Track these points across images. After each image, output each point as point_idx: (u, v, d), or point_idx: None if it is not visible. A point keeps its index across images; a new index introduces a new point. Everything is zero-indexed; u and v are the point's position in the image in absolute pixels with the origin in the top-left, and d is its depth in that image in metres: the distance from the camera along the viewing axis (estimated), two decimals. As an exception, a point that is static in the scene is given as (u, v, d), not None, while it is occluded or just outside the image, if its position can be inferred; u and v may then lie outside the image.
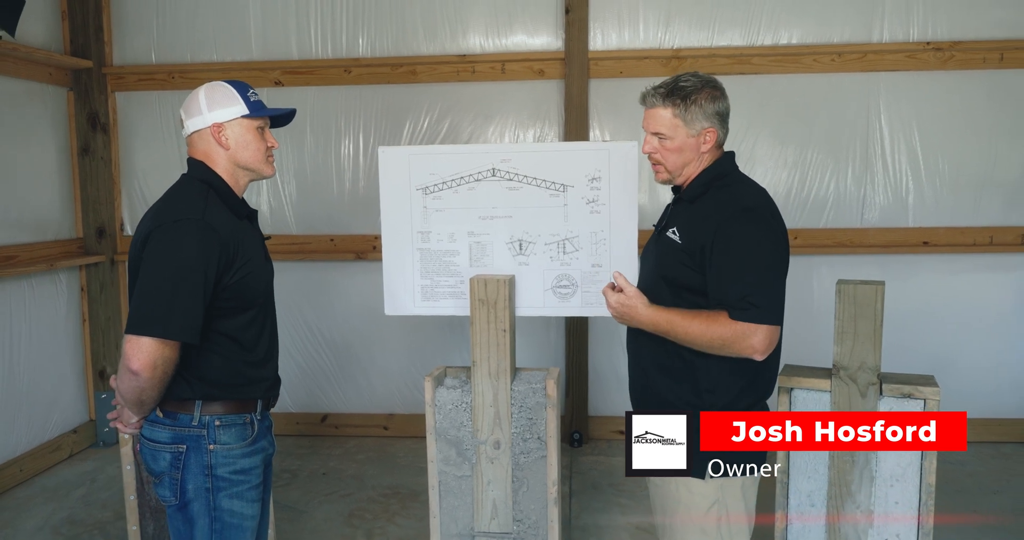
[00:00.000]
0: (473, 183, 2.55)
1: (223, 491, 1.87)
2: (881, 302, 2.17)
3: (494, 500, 2.47)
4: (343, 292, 4.47)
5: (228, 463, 1.87)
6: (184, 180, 1.92)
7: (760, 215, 1.86)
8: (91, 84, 4.35)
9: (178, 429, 1.85)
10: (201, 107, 1.87)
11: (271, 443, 2.06)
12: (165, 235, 1.77)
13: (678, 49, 4.19)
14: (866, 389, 2.19)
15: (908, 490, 2.18)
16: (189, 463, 1.84)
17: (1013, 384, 4.25)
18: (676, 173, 1.97)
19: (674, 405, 1.94)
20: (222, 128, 1.87)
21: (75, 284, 4.38)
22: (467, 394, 2.47)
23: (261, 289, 1.93)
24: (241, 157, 1.89)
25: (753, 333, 1.79)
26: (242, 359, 1.90)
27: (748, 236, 1.82)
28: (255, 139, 1.90)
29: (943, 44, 4.05)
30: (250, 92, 1.91)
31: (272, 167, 1.96)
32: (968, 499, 3.52)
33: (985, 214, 4.15)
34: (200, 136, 1.89)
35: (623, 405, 4.33)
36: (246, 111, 1.87)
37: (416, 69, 4.30)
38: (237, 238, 1.84)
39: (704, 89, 1.89)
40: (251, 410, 1.93)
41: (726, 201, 1.89)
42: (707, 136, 1.91)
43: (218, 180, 1.89)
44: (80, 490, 3.80)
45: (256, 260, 1.91)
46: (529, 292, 2.57)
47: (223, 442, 1.86)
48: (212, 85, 1.90)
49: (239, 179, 1.93)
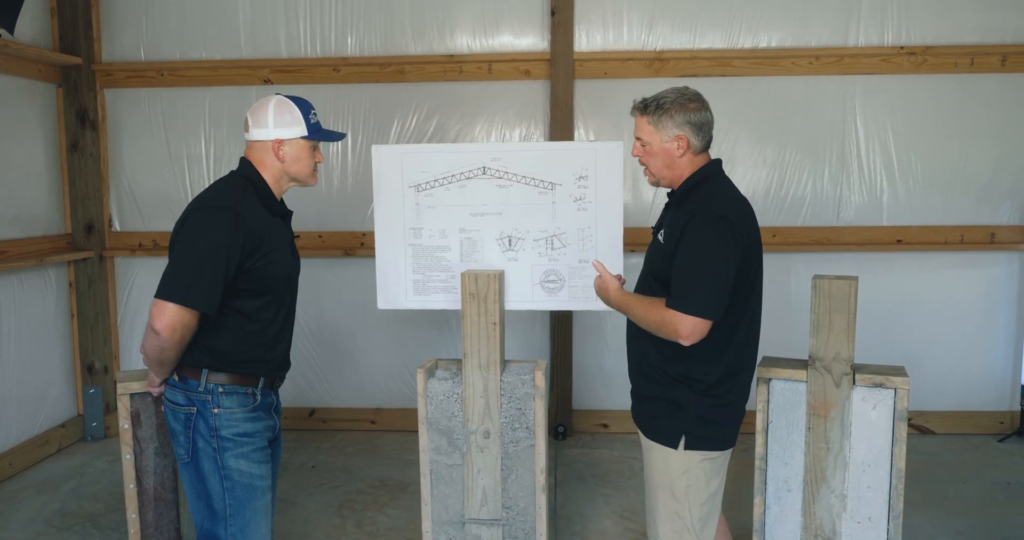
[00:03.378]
0: (464, 181, 2.64)
1: (228, 451, 2.07)
2: (855, 296, 2.28)
3: (484, 488, 2.56)
4: (331, 288, 4.52)
5: (231, 425, 2.07)
6: (230, 175, 2.15)
7: (719, 220, 2.02)
8: (80, 81, 4.36)
9: (189, 393, 2.07)
10: (268, 120, 2.08)
11: (276, 422, 2.23)
12: (201, 217, 2.00)
13: (661, 51, 4.28)
14: (840, 379, 2.30)
15: (879, 475, 2.30)
16: (198, 424, 2.06)
17: (982, 378, 4.38)
18: (660, 176, 2.17)
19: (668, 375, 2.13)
20: (282, 144, 2.09)
21: (63, 280, 4.40)
22: (458, 385, 2.55)
23: (281, 278, 2.12)
24: (292, 170, 2.12)
25: (680, 321, 1.97)
26: (252, 338, 2.09)
27: (702, 238, 2.00)
28: (307, 156, 2.13)
29: (917, 49, 4.18)
30: (312, 113, 2.14)
31: (316, 178, 2.21)
32: (939, 488, 3.65)
33: (956, 213, 4.28)
34: (261, 145, 2.10)
35: (607, 399, 4.51)
36: (306, 133, 2.10)
37: (404, 68, 4.35)
38: (265, 230, 2.04)
39: (677, 101, 2.09)
40: (252, 384, 2.11)
41: (697, 206, 2.07)
42: (679, 143, 2.09)
43: (260, 179, 2.11)
44: (70, 483, 3.83)
45: (280, 252, 2.10)
46: (518, 286, 2.66)
47: (226, 406, 2.06)
48: (282, 101, 2.10)
49: (283, 184, 2.15)
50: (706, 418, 2.11)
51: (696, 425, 2.11)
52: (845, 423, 2.31)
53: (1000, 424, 4.37)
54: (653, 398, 2.19)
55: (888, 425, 2.28)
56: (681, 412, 2.11)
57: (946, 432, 4.38)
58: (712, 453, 2.14)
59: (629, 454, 4.13)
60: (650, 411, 2.21)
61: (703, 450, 2.12)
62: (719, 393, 2.11)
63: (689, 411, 2.11)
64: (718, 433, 2.14)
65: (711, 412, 2.11)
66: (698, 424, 2.11)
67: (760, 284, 2.17)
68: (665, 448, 2.15)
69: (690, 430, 2.11)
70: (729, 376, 2.12)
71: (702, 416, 2.11)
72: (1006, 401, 4.39)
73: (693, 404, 2.10)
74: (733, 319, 2.08)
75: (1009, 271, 4.32)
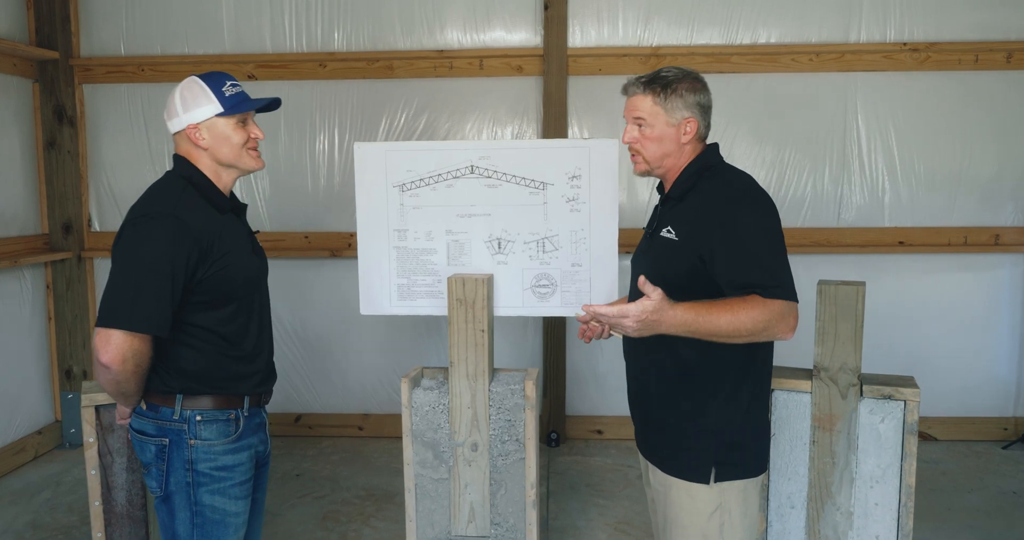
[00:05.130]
0: (451, 180, 2.51)
1: (204, 487, 1.85)
2: (862, 303, 2.16)
3: (472, 503, 2.43)
4: (318, 290, 4.40)
5: (209, 459, 1.85)
6: (165, 176, 1.91)
7: (757, 197, 1.80)
8: (57, 76, 4.23)
9: (161, 422, 1.85)
10: (177, 108, 1.85)
11: (263, 441, 2.03)
12: (133, 229, 1.77)
13: (657, 47, 4.17)
14: (846, 390, 2.18)
15: (888, 491, 2.18)
16: (172, 457, 1.84)
17: (985, 383, 4.28)
18: (655, 165, 1.89)
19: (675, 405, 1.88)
20: (197, 128, 1.85)
21: (40, 281, 4.26)
22: (444, 395, 2.43)
23: (241, 282, 1.90)
24: (220, 155, 1.87)
25: (789, 311, 1.70)
26: (225, 353, 1.88)
27: (753, 219, 1.75)
28: (233, 134, 1.86)
29: (919, 45, 4.07)
30: (227, 85, 1.86)
31: (257, 160, 1.92)
32: (943, 498, 3.54)
33: (960, 214, 4.17)
34: (180, 137, 1.88)
35: (601, 404, 4.38)
36: (220, 109, 1.84)
37: (393, 64, 4.23)
38: (214, 232, 1.82)
39: (685, 79, 1.85)
40: (236, 406, 1.90)
41: (719, 189, 1.82)
42: (687, 126, 1.84)
43: (198, 175, 1.87)
44: (45, 493, 3.69)
45: (237, 253, 1.88)
46: (508, 291, 2.53)
47: (204, 438, 1.84)
48: (187, 84, 1.86)
49: (222, 176, 1.91)
50: (737, 442, 1.84)
51: (727, 452, 1.83)
52: (852, 436, 2.19)
53: (1004, 430, 4.27)
54: (671, 425, 1.88)
55: (897, 439, 2.15)
56: (711, 438, 1.83)
57: (948, 438, 4.27)
58: (745, 481, 1.86)
59: (624, 462, 4.01)
60: (669, 442, 1.89)
61: (736, 479, 1.84)
62: (751, 410, 1.86)
63: (720, 436, 1.83)
64: (750, 458, 1.87)
65: (743, 434, 1.85)
66: (730, 451, 1.83)
67: None
68: (692, 484, 1.84)
69: (722, 459, 1.82)
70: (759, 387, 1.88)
71: (734, 441, 1.83)
72: (1010, 407, 4.29)
73: (725, 427, 1.82)
74: None
75: (1013, 273, 4.22)
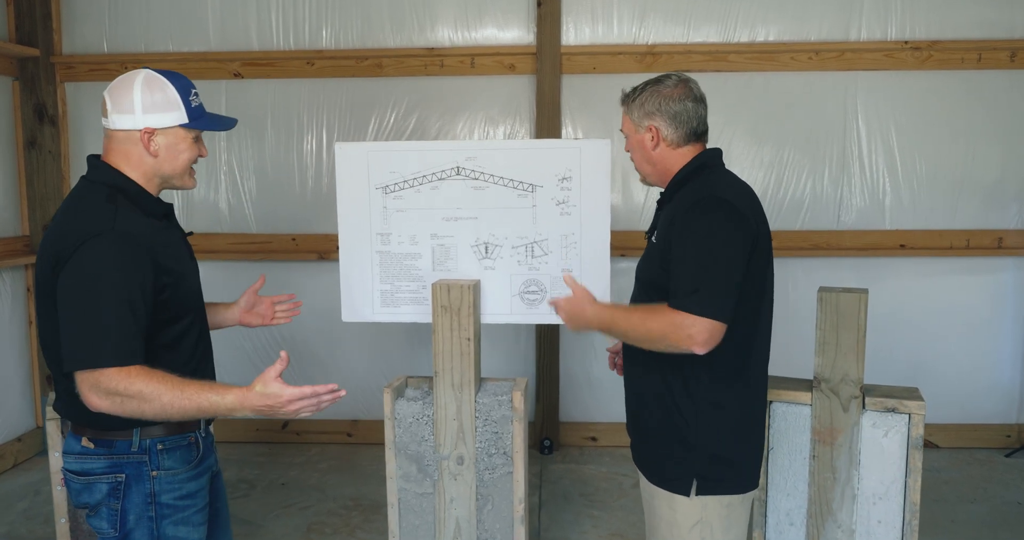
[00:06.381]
0: (436, 182, 2.41)
1: (167, 518, 1.71)
2: (864, 312, 2.07)
3: (457, 519, 2.33)
4: (305, 293, 4.18)
5: (173, 489, 1.72)
6: (84, 186, 1.69)
7: (720, 204, 1.72)
8: (38, 74, 4.12)
9: (115, 457, 1.68)
10: (135, 103, 1.64)
11: (215, 460, 1.91)
12: (80, 256, 1.56)
13: (653, 45, 4.07)
14: (848, 403, 2.09)
15: (891, 509, 2.08)
16: (130, 492, 1.68)
17: (988, 389, 4.19)
18: (642, 172, 1.94)
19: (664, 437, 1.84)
20: (154, 134, 1.66)
21: (20, 285, 4.16)
22: (429, 406, 2.33)
23: (195, 291, 1.79)
24: (167, 168, 1.70)
25: (692, 323, 1.62)
26: (180, 371, 1.71)
27: (703, 225, 1.71)
28: (187, 149, 1.71)
29: (921, 43, 3.98)
30: (192, 93, 1.71)
31: (194, 180, 1.78)
32: (946, 509, 3.44)
33: (962, 217, 4.08)
34: (126, 135, 1.66)
35: (595, 410, 4.28)
36: (186, 120, 1.68)
37: (382, 62, 4.13)
38: (156, 242, 1.66)
39: (651, 88, 1.85)
40: (195, 428, 1.77)
41: (689, 194, 1.80)
42: (650, 134, 1.85)
43: (127, 183, 1.67)
44: (23, 503, 3.59)
45: (182, 261, 1.75)
46: (495, 298, 2.43)
47: (167, 467, 1.71)
48: (151, 80, 1.66)
49: (155, 187, 1.72)
50: (722, 456, 1.79)
51: (710, 465, 1.78)
52: (853, 451, 2.09)
53: (1007, 438, 4.18)
54: (656, 434, 1.85)
55: (901, 454, 2.06)
56: (692, 450, 1.78)
57: (950, 446, 4.18)
58: (730, 497, 1.80)
59: (619, 470, 3.92)
60: (654, 450, 1.87)
61: (719, 494, 1.79)
62: (738, 422, 1.80)
63: (702, 449, 1.78)
64: (736, 474, 1.81)
65: (728, 448, 1.79)
66: (713, 464, 1.78)
67: (771, 288, 1.85)
68: (674, 495, 1.81)
69: (704, 473, 1.78)
70: (749, 400, 1.82)
71: (719, 455, 1.78)
72: (1013, 413, 4.19)
73: (708, 439, 1.77)
74: (747, 328, 1.76)
75: (1017, 277, 4.12)
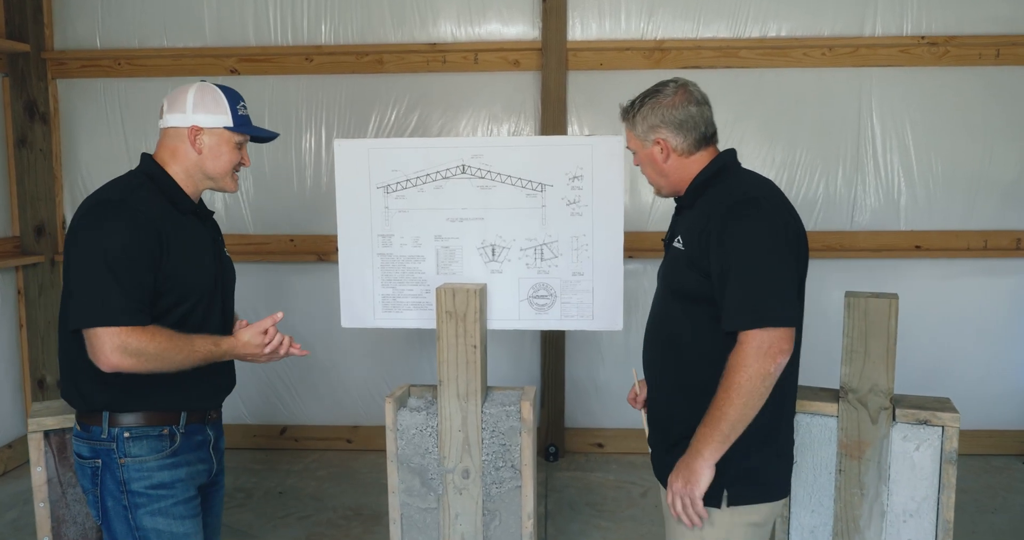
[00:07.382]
0: (441, 181, 2.30)
1: (142, 508, 1.75)
2: (895, 318, 1.96)
3: (463, 535, 2.22)
4: (304, 295, 4.18)
5: (142, 477, 1.74)
6: (125, 174, 1.87)
7: (752, 204, 1.68)
8: (29, 70, 4.01)
9: (93, 443, 1.76)
10: (187, 104, 1.81)
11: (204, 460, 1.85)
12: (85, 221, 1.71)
13: (661, 40, 3.96)
14: (877, 414, 1.98)
15: (923, 527, 1.97)
16: (105, 479, 1.75)
17: (1005, 394, 4.08)
18: (659, 186, 1.88)
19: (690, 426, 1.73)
20: (201, 132, 1.82)
21: (11, 286, 4.05)
22: (433, 417, 2.22)
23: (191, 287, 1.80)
24: (209, 166, 1.84)
25: (770, 339, 1.59)
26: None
27: (744, 232, 1.65)
28: (229, 152, 1.85)
29: (938, 39, 3.87)
30: (240, 104, 1.87)
31: (236, 184, 1.91)
32: (965, 520, 3.34)
33: (980, 217, 3.97)
34: (176, 132, 1.82)
35: (602, 416, 4.17)
36: (230, 123, 1.83)
37: (383, 58, 4.02)
38: (166, 228, 1.73)
39: (648, 100, 1.79)
40: (171, 422, 1.76)
41: (720, 197, 1.72)
42: (659, 147, 1.79)
43: (162, 173, 1.82)
44: (12, 513, 3.48)
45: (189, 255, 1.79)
46: (502, 303, 2.32)
47: (133, 454, 1.74)
48: (205, 86, 1.85)
49: (197, 182, 1.86)
50: (754, 468, 1.70)
51: (742, 476, 1.69)
52: (883, 466, 1.98)
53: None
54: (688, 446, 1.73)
55: (934, 469, 1.95)
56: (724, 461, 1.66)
57: (966, 453, 4.02)
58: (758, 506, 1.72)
59: (626, 478, 3.80)
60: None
61: (748, 504, 1.71)
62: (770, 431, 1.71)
63: (734, 459, 1.66)
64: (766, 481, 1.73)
65: (761, 460, 1.71)
66: (744, 474, 1.69)
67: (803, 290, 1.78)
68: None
69: (734, 483, 1.68)
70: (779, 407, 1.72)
71: (748, 464, 1.69)
72: (1031, 419, 4.09)
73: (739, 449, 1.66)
74: None
75: (1035, 279, 4.02)
